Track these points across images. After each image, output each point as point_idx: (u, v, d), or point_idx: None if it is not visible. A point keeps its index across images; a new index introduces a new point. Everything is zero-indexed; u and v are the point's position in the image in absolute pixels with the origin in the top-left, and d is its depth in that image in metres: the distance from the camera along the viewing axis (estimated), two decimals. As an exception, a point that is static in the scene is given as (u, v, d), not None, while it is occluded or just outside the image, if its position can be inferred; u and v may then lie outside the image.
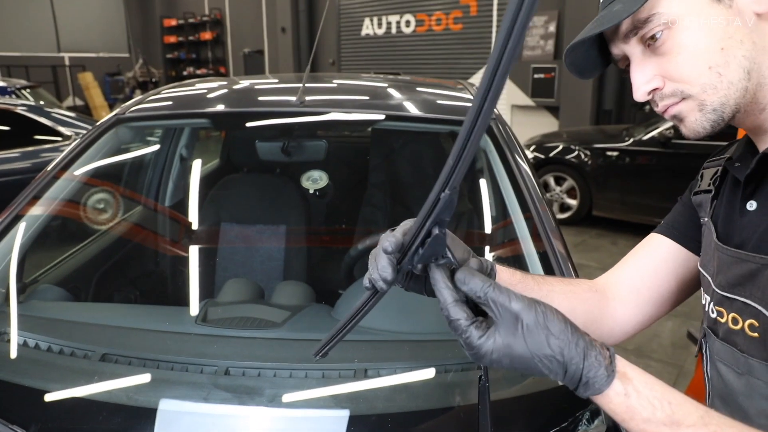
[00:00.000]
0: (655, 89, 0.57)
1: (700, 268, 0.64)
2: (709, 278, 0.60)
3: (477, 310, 0.47)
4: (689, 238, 0.69)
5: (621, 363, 0.47)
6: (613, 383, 0.45)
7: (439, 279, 0.46)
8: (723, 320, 0.56)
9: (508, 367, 0.46)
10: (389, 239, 0.47)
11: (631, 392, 0.45)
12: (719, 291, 0.57)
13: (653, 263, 0.71)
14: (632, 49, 0.58)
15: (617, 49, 0.60)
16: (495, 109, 1.46)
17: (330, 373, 0.92)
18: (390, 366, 0.93)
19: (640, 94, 0.58)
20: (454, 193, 0.41)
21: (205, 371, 0.90)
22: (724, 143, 0.72)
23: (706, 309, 0.61)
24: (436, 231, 0.43)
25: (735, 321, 0.54)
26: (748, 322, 0.53)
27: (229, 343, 0.99)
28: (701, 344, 0.62)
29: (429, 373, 0.91)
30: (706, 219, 0.64)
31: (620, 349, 2.86)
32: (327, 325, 1.09)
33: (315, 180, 1.70)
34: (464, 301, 0.46)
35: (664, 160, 4.33)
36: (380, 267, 0.47)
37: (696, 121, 0.56)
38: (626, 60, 0.60)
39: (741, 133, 1.40)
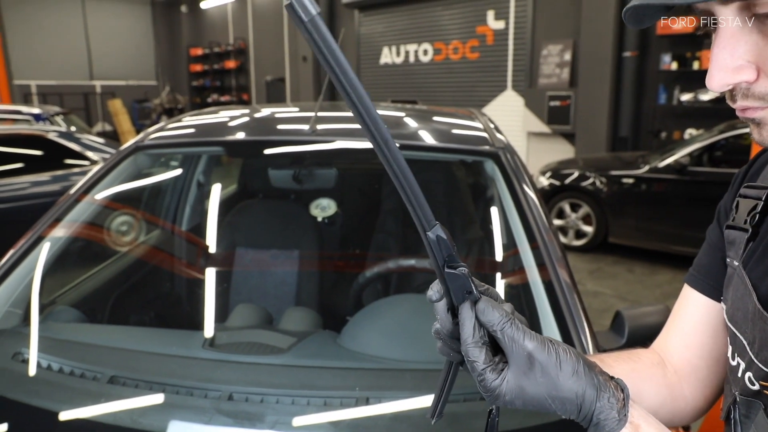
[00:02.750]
0: (740, 82, 0.42)
1: (728, 323, 0.54)
2: (745, 343, 0.51)
3: (496, 344, 0.46)
4: (720, 290, 0.59)
5: (637, 413, 0.45)
6: None
7: (466, 317, 0.45)
8: None
9: (521, 407, 0.45)
10: (431, 289, 0.48)
11: None
12: (764, 368, 0.48)
13: (693, 326, 0.63)
14: (726, 13, 0.41)
15: (703, 4, 0.42)
16: (503, 138, 1.47)
17: (332, 401, 0.92)
18: (392, 395, 0.93)
19: (717, 83, 0.42)
20: (436, 229, 0.42)
21: (209, 396, 0.92)
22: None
23: (739, 375, 0.52)
24: (446, 270, 0.44)
25: None
26: None
27: (234, 369, 1.00)
28: (730, 409, 0.53)
29: (430, 401, 0.91)
30: (736, 263, 0.54)
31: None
32: (332, 352, 1.10)
33: (324, 208, 1.73)
34: (486, 341, 0.45)
35: (681, 188, 4.28)
36: (439, 319, 0.48)
37: None
38: (708, 20, 0.43)
39: (755, 150, 1.35)
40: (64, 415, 0.88)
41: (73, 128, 5.75)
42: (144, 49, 14.76)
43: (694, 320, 0.63)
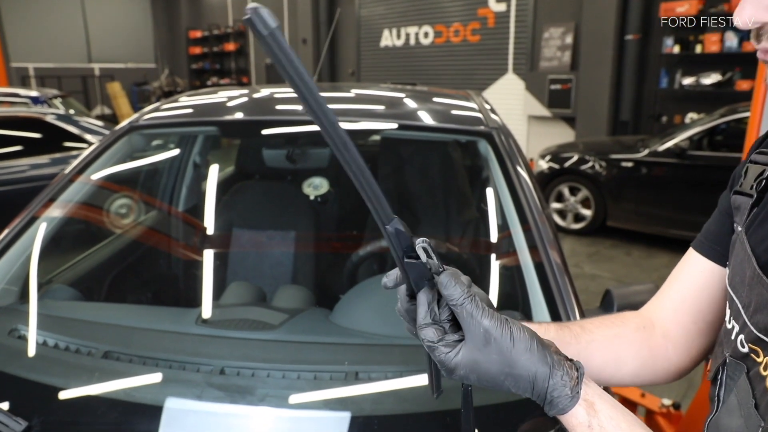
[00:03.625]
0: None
1: (728, 287, 0.54)
2: (740, 307, 0.51)
3: (457, 322, 0.48)
4: (726, 256, 0.59)
5: (591, 391, 0.46)
6: (578, 411, 0.45)
7: (421, 301, 0.47)
8: (759, 360, 0.48)
9: (477, 384, 0.46)
10: (387, 277, 0.50)
11: (595, 426, 0.44)
12: (755, 330, 0.48)
13: (693, 290, 0.63)
14: None
15: None
16: (498, 119, 1.47)
17: (322, 375, 0.93)
18: (380, 369, 0.95)
19: (746, 17, 0.41)
20: (395, 222, 0.44)
21: (201, 370, 0.93)
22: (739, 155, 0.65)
23: (732, 337, 0.52)
24: (405, 260, 0.46)
25: (767, 366, 0.47)
26: None
27: (226, 344, 1.02)
28: (719, 370, 0.54)
29: (418, 376, 0.93)
30: (740, 229, 0.54)
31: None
32: (323, 328, 1.12)
33: (316, 186, 1.73)
34: (440, 320, 0.47)
35: (680, 172, 4.27)
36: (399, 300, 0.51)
37: None
38: None
39: (750, 141, 1.35)
40: (59, 389, 0.90)
41: (71, 111, 5.73)
42: (143, 31, 14.60)
43: (695, 284, 0.63)
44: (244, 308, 1.19)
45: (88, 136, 4.28)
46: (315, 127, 1.41)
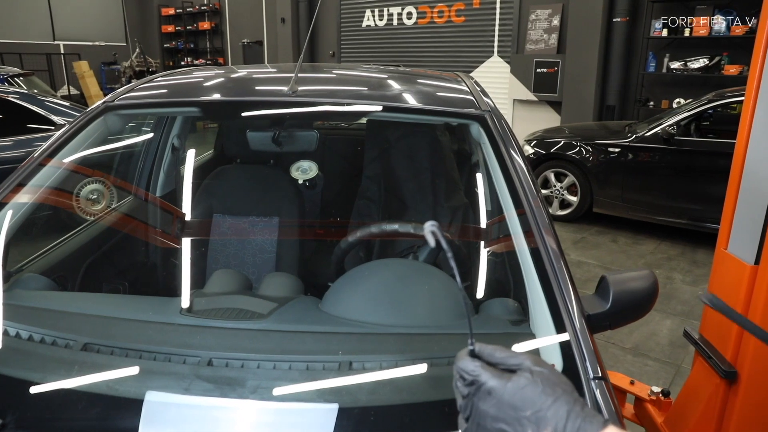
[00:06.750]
0: None
1: None
2: None
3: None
4: None
5: None
6: None
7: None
8: None
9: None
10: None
11: None
12: None
13: None
14: None
15: None
16: (490, 102, 1.42)
17: (314, 365, 0.90)
18: (375, 359, 0.92)
19: None
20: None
21: (188, 362, 0.89)
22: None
23: None
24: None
25: None
26: None
27: (213, 334, 0.97)
28: None
29: (414, 366, 0.90)
30: None
31: (617, 348, 2.85)
32: (314, 317, 1.07)
33: (305, 170, 1.68)
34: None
35: (667, 157, 4.29)
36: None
37: None
38: None
39: (745, 120, 1.33)
40: (36, 384, 0.85)
41: (35, 91, 5.48)
42: (112, 7, 13.88)
43: None
44: (230, 297, 1.14)
45: (54, 117, 4.08)
46: (303, 108, 1.34)
